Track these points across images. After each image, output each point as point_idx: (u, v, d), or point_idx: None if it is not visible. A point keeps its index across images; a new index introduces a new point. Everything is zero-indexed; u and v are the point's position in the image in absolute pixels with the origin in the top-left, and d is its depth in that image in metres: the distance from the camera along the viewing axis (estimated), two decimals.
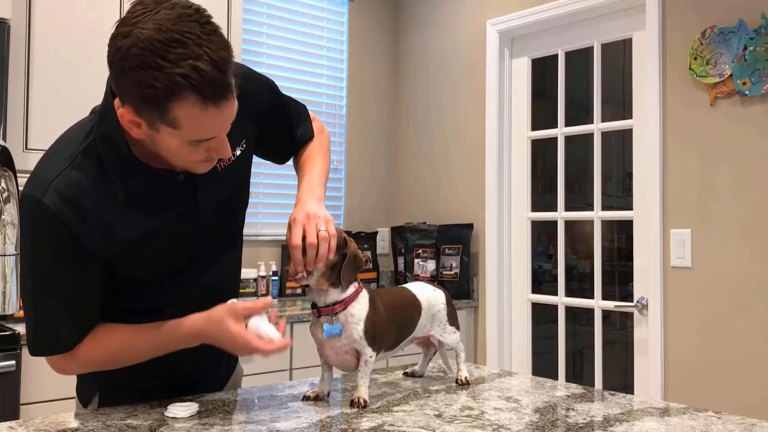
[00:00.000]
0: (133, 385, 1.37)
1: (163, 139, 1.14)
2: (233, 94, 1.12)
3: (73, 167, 1.18)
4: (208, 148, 1.17)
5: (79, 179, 1.17)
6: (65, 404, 2.42)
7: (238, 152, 1.34)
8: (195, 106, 1.07)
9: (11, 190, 1.01)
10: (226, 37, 1.12)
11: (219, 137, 1.16)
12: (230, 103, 1.12)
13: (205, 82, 1.05)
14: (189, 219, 1.28)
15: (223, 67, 1.07)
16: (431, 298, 1.48)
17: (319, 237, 1.23)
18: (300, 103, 1.56)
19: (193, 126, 1.10)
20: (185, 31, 1.05)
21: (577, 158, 3.55)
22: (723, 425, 1.20)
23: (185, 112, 1.08)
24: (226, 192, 1.34)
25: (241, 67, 1.39)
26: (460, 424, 1.19)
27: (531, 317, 3.52)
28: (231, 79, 1.10)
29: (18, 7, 2.60)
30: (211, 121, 1.11)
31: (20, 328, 2.42)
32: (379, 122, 4.16)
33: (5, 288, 1.01)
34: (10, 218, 1.01)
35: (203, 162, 1.20)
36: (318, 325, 1.32)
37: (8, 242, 1.01)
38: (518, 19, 3.49)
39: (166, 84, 1.04)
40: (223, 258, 1.40)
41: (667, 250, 2.88)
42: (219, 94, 1.08)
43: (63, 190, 1.16)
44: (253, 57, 3.65)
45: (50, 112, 2.67)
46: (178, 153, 1.16)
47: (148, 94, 1.07)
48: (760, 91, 2.62)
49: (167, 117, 1.09)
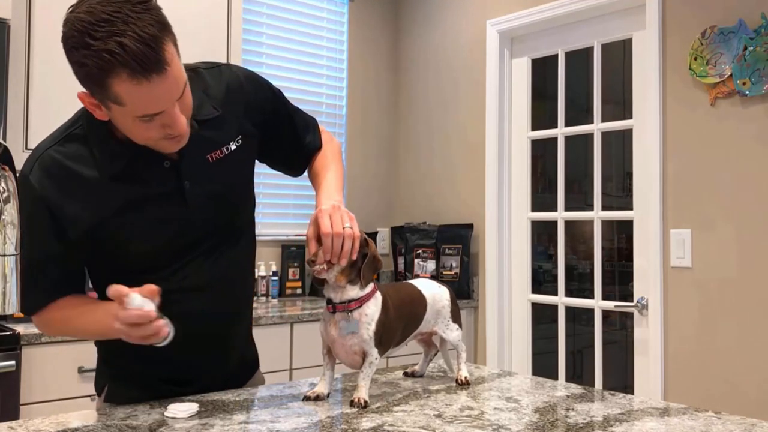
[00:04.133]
0: (139, 377, 1.40)
1: (117, 117, 1.20)
2: (165, 69, 1.13)
3: (58, 145, 1.29)
4: (163, 124, 1.20)
5: (62, 157, 1.27)
6: (65, 404, 2.43)
7: (233, 147, 1.38)
8: (128, 81, 1.11)
9: (11, 190, 1.01)
10: (162, 17, 1.15)
11: (168, 112, 1.18)
12: (165, 78, 1.14)
13: (129, 57, 1.09)
14: (174, 202, 1.32)
15: (150, 42, 1.11)
16: (436, 294, 1.50)
17: (345, 233, 1.24)
18: (309, 115, 1.59)
19: (133, 101, 1.14)
20: (113, 11, 1.10)
21: (577, 158, 3.55)
22: (723, 425, 1.20)
23: (122, 88, 1.12)
24: (219, 184, 1.37)
25: (244, 69, 1.48)
26: (460, 424, 1.19)
27: (531, 317, 3.52)
28: (163, 54, 1.12)
29: (18, 7, 2.60)
30: (148, 96, 1.14)
31: (20, 328, 2.42)
32: (379, 122, 4.16)
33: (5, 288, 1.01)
34: (10, 218, 1.01)
35: (166, 140, 1.23)
36: (332, 322, 1.33)
37: (8, 242, 1.01)
38: (518, 19, 3.49)
39: (95, 61, 1.11)
40: (226, 254, 1.41)
41: (667, 250, 2.89)
42: (147, 68, 1.11)
43: (46, 165, 1.27)
44: (253, 57, 3.65)
45: (50, 112, 2.67)
46: (135, 131, 1.21)
47: (84, 73, 1.14)
48: (760, 91, 2.62)
49: (110, 94, 1.14)
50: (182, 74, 1.19)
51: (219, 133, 1.37)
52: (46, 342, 2.41)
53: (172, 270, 1.35)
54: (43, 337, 2.40)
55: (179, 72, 1.18)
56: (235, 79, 1.43)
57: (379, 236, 4.04)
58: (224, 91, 1.39)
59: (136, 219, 1.29)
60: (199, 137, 1.32)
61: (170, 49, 1.14)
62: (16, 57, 2.60)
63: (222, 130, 1.37)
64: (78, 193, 1.26)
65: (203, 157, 1.34)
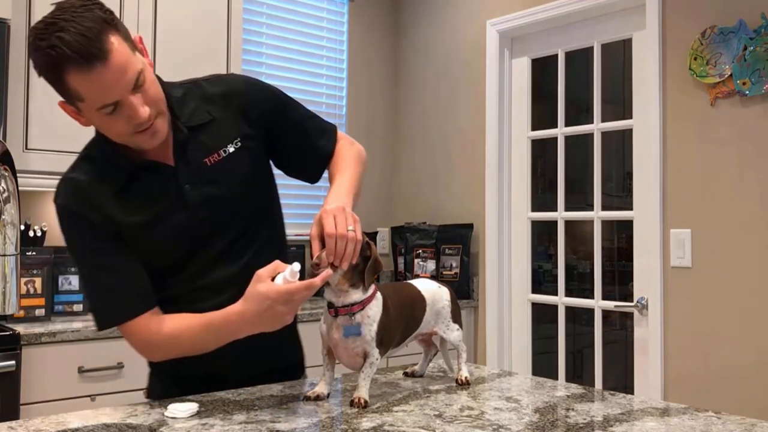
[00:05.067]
0: (176, 373, 1.45)
1: (88, 116, 1.27)
2: (107, 57, 1.19)
3: (75, 170, 1.38)
4: (127, 116, 1.25)
5: (78, 180, 1.36)
6: (65, 404, 2.43)
7: (231, 149, 1.41)
8: (76, 74, 1.19)
9: (11, 190, 1.01)
10: (105, 14, 1.22)
11: (125, 101, 1.24)
12: (109, 65, 1.19)
13: (69, 50, 1.17)
14: (179, 208, 1.37)
15: (87, 33, 1.17)
16: (435, 294, 1.49)
17: (348, 236, 1.23)
18: (327, 122, 1.58)
19: (88, 93, 1.22)
20: (59, 15, 1.19)
21: (577, 158, 3.55)
22: (723, 425, 1.20)
23: (75, 82, 1.20)
24: (220, 186, 1.40)
25: (246, 76, 1.54)
26: (460, 424, 1.19)
27: (531, 317, 3.52)
28: (103, 44, 1.18)
29: (18, 7, 2.60)
30: (98, 84, 1.20)
31: (20, 328, 2.42)
32: (379, 122, 4.16)
33: (5, 288, 1.01)
34: (10, 218, 1.01)
35: (139, 135, 1.29)
36: (334, 325, 1.32)
37: (8, 242, 1.01)
38: (518, 19, 3.49)
39: (44, 60, 1.20)
40: (244, 252, 1.44)
41: (667, 250, 2.89)
42: (88, 57, 1.18)
43: (68, 188, 1.36)
44: (253, 57, 3.65)
45: (50, 112, 2.67)
46: (106, 126, 1.29)
47: (42, 74, 1.23)
48: (760, 91, 2.62)
49: (71, 92, 1.23)
50: (132, 64, 1.24)
51: (215, 137, 1.40)
52: (46, 342, 2.41)
53: (194, 271, 1.40)
54: (43, 337, 2.40)
55: (126, 61, 1.23)
56: (233, 83, 1.46)
57: (379, 236, 4.04)
58: (221, 96, 1.43)
59: (147, 227, 1.36)
60: (195, 142, 1.38)
61: (113, 40, 1.20)
62: (16, 57, 2.60)
63: (218, 133, 1.41)
64: (96, 210, 1.35)
65: (201, 161, 1.39)
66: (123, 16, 2.87)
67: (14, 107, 2.59)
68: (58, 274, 2.79)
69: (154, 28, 2.94)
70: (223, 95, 1.43)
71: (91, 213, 1.34)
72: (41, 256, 2.71)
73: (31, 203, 2.94)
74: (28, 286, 2.66)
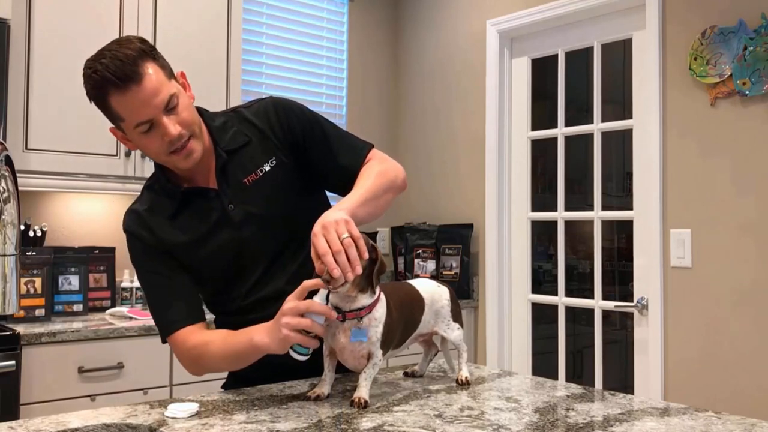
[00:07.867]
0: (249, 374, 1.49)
1: (131, 138, 1.41)
2: (141, 79, 1.33)
3: (136, 202, 1.55)
4: (161, 134, 1.37)
5: (138, 210, 1.53)
6: (65, 404, 2.43)
7: (267, 168, 1.50)
8: (116, 94, 1.33)
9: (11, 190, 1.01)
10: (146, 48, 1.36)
11: (158, 120, 1.36)
12: (143, 87, 1.33)
13: (107, 73, 1.31)
14: (224, 227, 1.49)
15: (124, 59, 1.32)
16: (435, 294, 1.48)
17: (344, 244, 1.21)
18: (362, 140, 1.59)
19: (126, 112, 1.35)
20: (106, 48, 1.35)
21: (577, 158, 3.55)
22: (723, 425, 1.20)
23: (115, 102, 1.34)
24: (260, 204, 1.49)
25: (280, 98, 1.60)
26: (460, 424, 1.19)
27: (531, 317, 3.52)
28: (138, 68, 1.32)
29: (18, 7, 2.60)
30: (133, 103, 1.33)
31: (20, 328, 2.42)
32: (379, 122, 4.16)
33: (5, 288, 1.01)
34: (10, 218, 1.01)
35: (174, 154, 1.40)
36: (342, 330, 1.31)
37: (8, 242, 1.01)
38: (518, 19, 3.49)
39: (90, 84, 1.34)
40: (288, 267, 1.52)
41: (667, 250, 2.89)
42: (124, 79, 1.31)
43: (132, 218, 1.53)
44: (253, 57, 3.65)
45: (50, 112, 2.67)
46: (145, 147, 1.41)
47: (91, 98, 1.37)
48: (760, 91, 2.62)
49: (113, 113, 1.36)
50: (165, 88, 1.36)
51: (252, 158, 1.51)
52: (46, 342, 2.41)
53: (249, 285, 1.51)
54: (43, 337, 2.40)
55: (159, 84, 1.35)
56: (266, 105, 1.55)
57: (379, 236, 4.04)
58: (256, 118, 1.53)
59: (195, 246, 1.48)
60: (234, 164, 1.50)
61: (148, 66, 1.34)
62: (16, 57, 2.60)
63: (255, 154, 1.51)
64: (153, 234, 1.49)
65: (240, 180, 1.49)
66: (123, 16, 2.87)
67: (14, 107, 2.59)
68: (57, 274, 2.79)
69: (154, 28, 2.94)
70: (257, 116, 1.53)
71: (148, 237, 1.49)
72: (41, 256, 2.71)
73: (31, 203, 2.94)
74: (28, 286, 2.66)
